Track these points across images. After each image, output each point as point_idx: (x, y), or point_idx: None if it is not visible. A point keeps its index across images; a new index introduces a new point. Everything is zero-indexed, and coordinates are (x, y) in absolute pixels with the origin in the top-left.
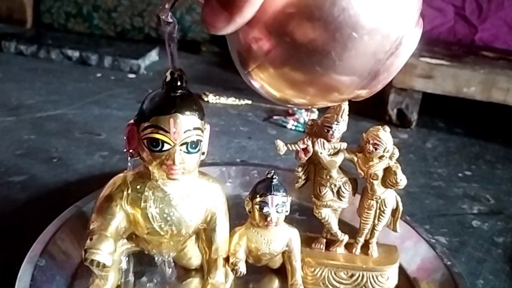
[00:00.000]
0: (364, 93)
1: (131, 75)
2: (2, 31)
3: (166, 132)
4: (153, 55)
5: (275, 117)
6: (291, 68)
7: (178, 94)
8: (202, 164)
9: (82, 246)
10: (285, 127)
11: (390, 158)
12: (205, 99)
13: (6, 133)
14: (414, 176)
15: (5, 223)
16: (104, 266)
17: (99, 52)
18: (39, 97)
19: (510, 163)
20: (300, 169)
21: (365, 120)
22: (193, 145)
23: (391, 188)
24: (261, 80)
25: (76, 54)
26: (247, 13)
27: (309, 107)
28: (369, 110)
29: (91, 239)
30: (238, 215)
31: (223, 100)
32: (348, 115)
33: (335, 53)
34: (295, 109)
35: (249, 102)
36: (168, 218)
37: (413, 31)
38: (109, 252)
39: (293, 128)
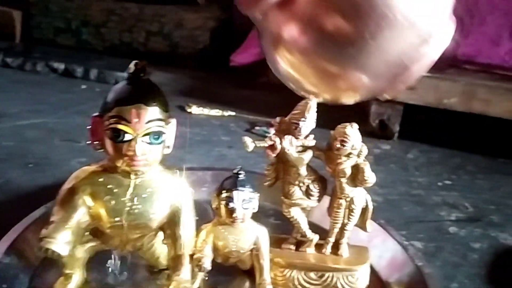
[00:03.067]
0: (398, 84)
1: None
2: None
3: (128, 122)
4: None
5: (257, 128)
6: (324, 50)
7: (141, 85)
8: (178, 169)
9: None
10: (266, 137)
11: (358, 155)
12: (188, 110)
13: None
14: (394, 184)
15: None
16: (59, 255)
17: (85, 64)
18: (22, 107)
19: (490, 174)
20: (269, 168)
21: None
22: (155, 136)
23: (360, 186)
24: (291, 67)
25: (61, 66)
26: None
27: (339, 100)
28: (351, 121)
29: (46, 228)
30: None
31: (206, 111)
32: (331, 127)
33: (369, 33)
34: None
35: (233, 113)
36: (131, 212)
37: (445, 25)
38: (65, 242)
39: None
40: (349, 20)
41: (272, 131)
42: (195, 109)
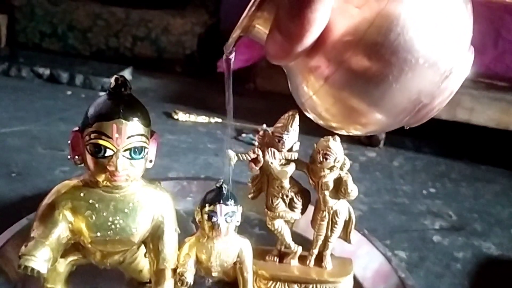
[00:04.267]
0: (419, 118)
1: (102, 93)
2: None
3: (109, 137)
4: (126, 74)
5: (243, 135)
6: (348, 93)
7: (122, 100)
8: (163, 178)
9: None
10: (253, 144)
11: (341, 168)
12: (175, 117)
13: None
14: (379, 193)
15: None
16: (38, 273)
17: (70, 70)
18: (5, 114)
19: (474, 181)
20: (252, 180)
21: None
22: (137, 151)
23: (343, 199)
24: (319, 108)
25: (46, 72)
26: (307, 41)
27: (364, 133)
28: None
29: (26, 246)
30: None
31: (193, 118)
32: (319, 134)
33: (392, 76)
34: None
35: (219, 120)
36: (112, 227)
37: (465, 56)
38: (45, 260)
39: None
40: (372, 64)
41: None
42: (181, 116)
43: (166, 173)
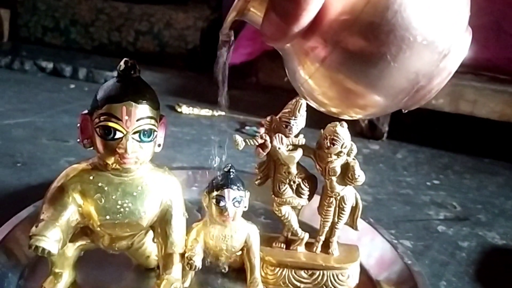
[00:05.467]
0: (418, 99)
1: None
2: None
3: (119, 120)
4: None
5: (247, 127)
6: (346, 75)
7: (131, 82)
8: (168, 168)
9: None
10: (256, 136)
11: (348, 154)
12: (178, 110)
13: None
14: (383, 184)
15: None
16: (49, 253)
17: (73, 64)
18: (8, 106)
19: (478, 173)
20: (259, 166)
21: None
22: (146, 134)
23: (349, 185)
24: (315, 90)
25: (50, 65)
26: (303, 21)
27: (363, 116)
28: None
29: (36, 226)
30: None
31: (197, 111)
32: (322, 126)
33: (390, 55)
34: None
35: (223, 113)
36: (122, 210)
37: (463, 36)
38: (55, 240)
39: None
40: (370, 43)
41: (262, 130)
42: (185, 109)
43: (170, 163)
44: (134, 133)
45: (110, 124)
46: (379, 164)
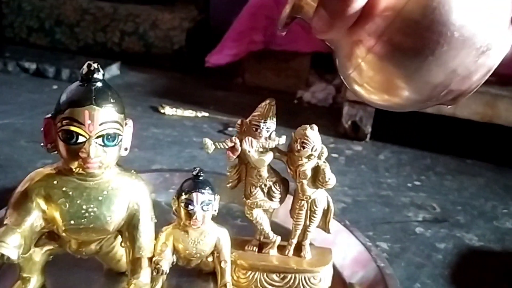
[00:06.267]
0: (457, 94)
1: None
2: None
3: (81, 124)
4: (113, 69)
5: (229, 129)
6: (387, 65)
7: (94, 86)
8: (146, 170)
9: None
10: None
11: (319, 157)
12: (162, 111)
13: None
14: (363, 185)
15: None
16: (8, 259)
17: (57, 64)
18: None
19: (459, 175)
20: (231, 169)
21: (321, 133)
22: (110, 138)
23: (321, 188)
24: (361, 81)
25: (33, 66)
26: (350, 17)
27: (403, 107)
28: (325, 123)
29: None
30: None
31: (180, 112)
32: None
33: (428, 49)
34: None
35: (206, 114)
36: (86, 215)
37: (504, 34)
38: (15, 246)
39: None
40: (410, 37)
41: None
42: (168, 110)
43: (149, 165)
44: (98, 137)
45: (72, 128)
46: (361, 165)
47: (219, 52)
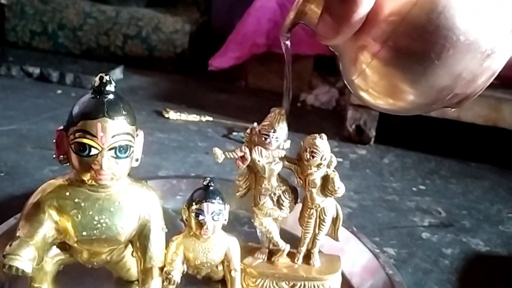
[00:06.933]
0: (462, 97)
1: None
2: None
3: (93, 136)
4: (117, 73)
5: (234, 133)
6: (393, 70)
7: (106, 98)
8: (153, 177)
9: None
10: (244, 142)
11: (328, 166)
12: (166, 115)
13: None
14: (368, 190)
15: None
16: (23, 272)
17: (60, 69)
18: None
19: (464, 178)
20: (240, 178)
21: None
22: (122, 150)
23: (330, 197)
24: (366, 86)
25: (36, 71)
26: (355, 22)
27: (409, 111)
28: (329, 127)
29: (10, 245)
30: None
31: (184, 116)
32: (309, 132)
33: (434, 53)
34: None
35: (210, 118)
36: (98, 226)
37: (508, 37)
38: (29, 259)
39: None
40: (415, 41)
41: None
42: (172, 114)
43: (156, 171)
44: (110, 149)
45: (85, 140)
46: (365, 169)
47: (222, 55)
